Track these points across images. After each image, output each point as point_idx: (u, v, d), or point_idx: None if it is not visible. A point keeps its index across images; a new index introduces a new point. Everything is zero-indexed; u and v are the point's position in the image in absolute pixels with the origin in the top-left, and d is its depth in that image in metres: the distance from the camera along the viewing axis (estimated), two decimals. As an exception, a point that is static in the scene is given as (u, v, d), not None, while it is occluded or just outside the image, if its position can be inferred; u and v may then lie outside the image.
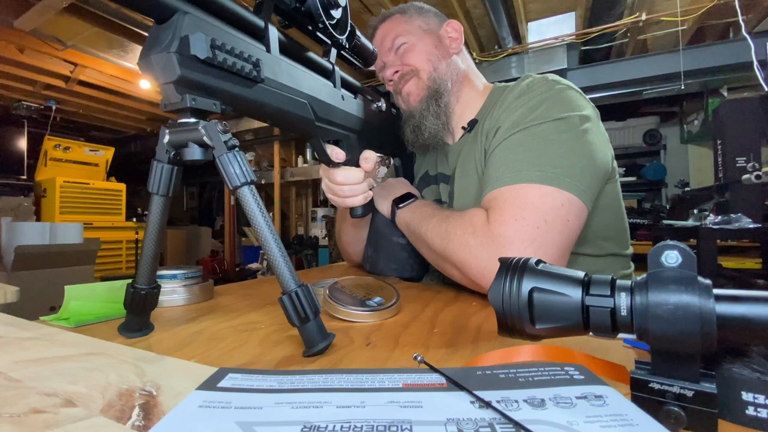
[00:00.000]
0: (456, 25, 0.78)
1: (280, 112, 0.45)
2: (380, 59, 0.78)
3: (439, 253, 0.58)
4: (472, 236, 0.53)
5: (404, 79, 0.75)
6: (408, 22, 0.77)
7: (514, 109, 0.62)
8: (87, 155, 3.77)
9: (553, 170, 0.53)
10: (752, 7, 2.28)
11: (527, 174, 0.54)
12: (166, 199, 0.37)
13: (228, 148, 0.34)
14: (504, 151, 0.60)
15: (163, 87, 0.33)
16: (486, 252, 0.51)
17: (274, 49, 0.44)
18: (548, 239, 0.51)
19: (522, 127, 0.59)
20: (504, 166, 0.57)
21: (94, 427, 0.21)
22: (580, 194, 0.53)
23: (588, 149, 0.57)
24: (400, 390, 0.24)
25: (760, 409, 0.21)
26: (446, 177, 0.78)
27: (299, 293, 0.34)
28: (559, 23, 2.54)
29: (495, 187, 0.56)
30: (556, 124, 0.57)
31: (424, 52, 0.74)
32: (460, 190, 0.71)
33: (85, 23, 2.37)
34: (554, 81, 0.64)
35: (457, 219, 0.57)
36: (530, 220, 0.51)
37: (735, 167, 1.73)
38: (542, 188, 0.52)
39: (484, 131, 0.68)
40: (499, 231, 0.51)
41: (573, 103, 0.60)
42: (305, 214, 4.47)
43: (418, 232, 0.63)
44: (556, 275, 0.25)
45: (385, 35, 0.77)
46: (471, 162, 0.70)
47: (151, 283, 0.39)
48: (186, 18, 0.32)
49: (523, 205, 0.52)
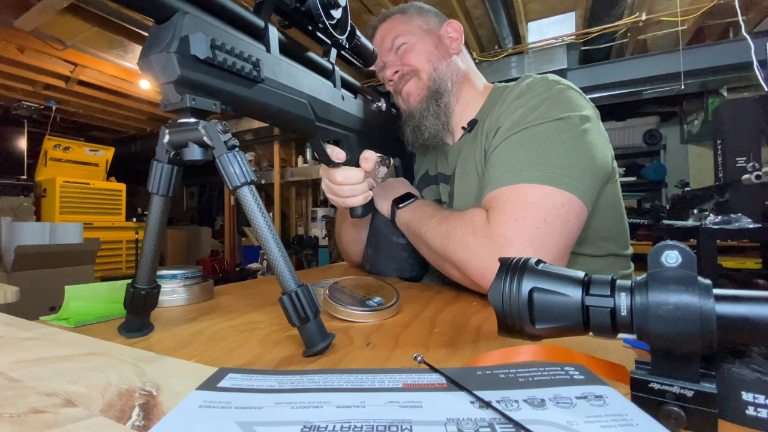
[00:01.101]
0: (456, 25, 0.78)
1: (281, 112, 0.45)
2: (380, 59, 0.78)
3: (439, 253, 0.58)
4: (472, 236, 0.53)
5: (404, 79, 0.75)
6: (408, 22, 0.77)
7: (514, 109, 0.63)
8: (87, 155, 3.77)
9: (553, 170, 0.53)
10: (752, 7, 2.28)
11: (527, 174, 0.54)
12: (166, 199, 0.37)
13: (228, 148, 0.34)
14: (504, 151, 0.60)
15: (163, 87, 0.33)
16: (486, 252, 0.51)
17: (274, 49, 0.44)
18: (548, 239, 0.51)
19: (522, 127, 0.59)
20: (504, 166, 0.57)
21: (94, 427, 0.21)
22: (580, 194, 0.54)
23: (588, 149, 0.57)
24: (400, 390, 0.24)
25: (760, 409, 0.21)
26: (446, 177, 0.78)
27: (299, 293, 0.34)
28: (559, 23, 2.54)
29: (495, 187, 0.56)
30: (556, 124, 0.57)
31: (424, 52, 0.74)
32: (461, 190, 0.72)
33: (85, 23, 2.37)
34: (554, 81, 0.64)
35: (457, 219, 0.57)
36: (530, 220, 0.51)
37: (735, 167, 1.73)
38: (542, 188, 0.53)
39: (485, 131, 0.68)
40: (499, 231, 0.51)
41: (573, 103, 0.60)
42: (305, 214, 4.47)
43: (418, 232, 0.63)
44: (556, 275, 0.25)
45: (386, 35, 0.77)
46: (471, 162, 0.70)
47: (151, 283, 0.39)
48: (186, 18, 0.32)
49: (523, 205, 0.52)
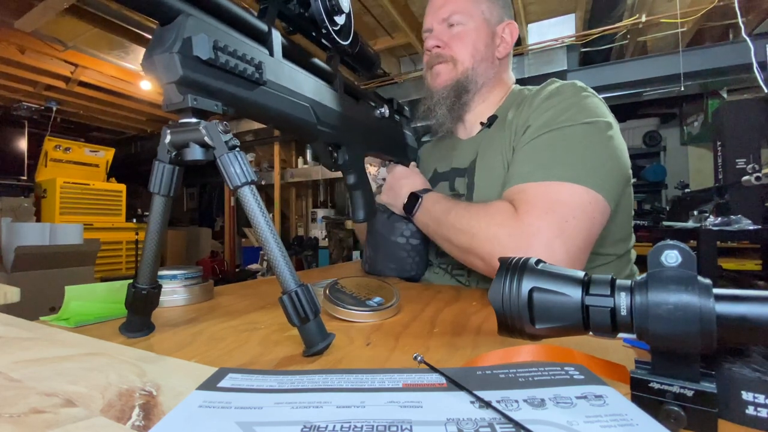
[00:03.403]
0: (514, 28, 0.76)
1: (282, 114, 0.45)
2: (430, 19, 0.77)
3: (464, 247, 0.59)
4: (499, 227, 0.55)
5: (441, 58, 0.75)
6: (475, 1, 0.74)
7: (544, 109, 0.64)
8: (87, 156, 3.78)
9: (583, 170, 0.56)
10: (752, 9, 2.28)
11: (558, 172, 0.56)
12: (168, 199, 0.37)
13: (229, 148, 0.34)
14: (534, 149, 0.61)
15: (165, 87, 0.34)
16: (514, 242, 0.53)
17: (277, 52, 0.44)
18: (575, 234, 0.53)
19: (553, 127, 0.61)
20: (534, 163, 0.59)
21: (94, 427, 0.21)
22: (606, 195, 0.56)
23: (613, 153, 0.59)
24: (400, 390, 0.24)
25: (760, 408, 0.21)
26: (462, 171, 0.77)
27: (299, 293, 0.34)
28: (559, 25, 2.55)
29: (523, 181, 0.58)
30: (585, 128, 0.60)
31: (473, 46, 0.73)
32: (482, 183, 0.71)
33: (85, 24, 2.38)
34: (581, 87, 0.66)
35: (480, 211, 0.58)
36: (560, 215, 0.53)
37: (735, 169, 1.73)
38: (572, 186, 0.55)
39: (513, 128, 0.68)
40: (529, 221, 0.53)
41: (599, 110, 0.63)
42: (305, 215, 4.47)
43: (438, 227, 0.64)
44: (555, 275, 0.25)
45: (447, 2, 0.75)
46: (496, 156, 0.69)
47: (152, 283, 0.39)
48: (189, 20, 0.33)
49: (553, 200, 0.54)
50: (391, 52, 3.23)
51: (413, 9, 2.63)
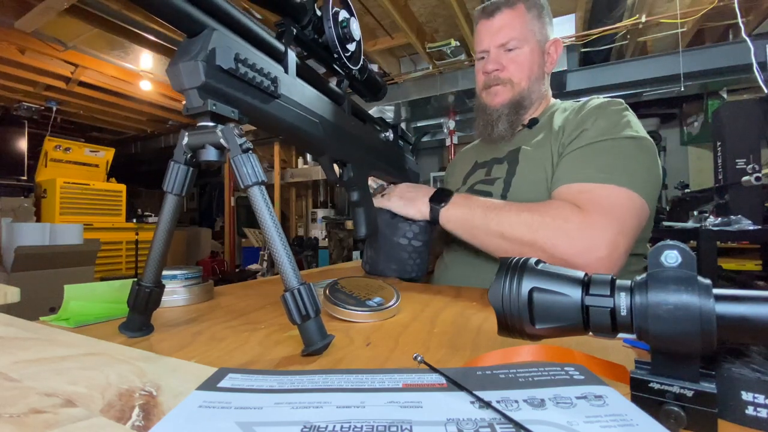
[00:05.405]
0: (560, 45, 0.84)
1: (293, 127, 0.48)
2: (486, 40, 0.81)
3: (523, 239, 0.62)
4: (566, 222, 0.60)
5: (499, 81, 0.81)
6: (528, 24, 0.79)
7: (598, 116, 0.70)
8: (87, 156, 3.78)
9: (638, 179, 0.63)
10: (752, 9, 2.29)
11: (618, 177, 0.62)
12: (180, 199, 0.39)
13: (242, 150, 0.36)
14: (595, 153, 0.67)
15: (187, 93, 0.36)
16: (583, 234, 0.58)
17: (292, 71, 0.48)
18: (631, 234, 0.60)
19: (610, 136, 0.67)
20: (593, 166, 0.65)
21: (94, 428, 0.21)
22: (649, 202, 0.63)
23: (656, 167, 0.67)
24: (400, 390, 0.24)
25: (759, 408, 0.21)
26: (501, 159, 0.81)
27: (302, 291, 0.34)
28: (559, 25, 2.54)
29: (582, 181, 0.64)
30: (637, 142, 0.67)
31: (528, 68, 0.80)
32: (523, 171, 0.76)
33: (86, 24, 2.38)
34: (624, 104, 0.73)
35: (542, 208, 0.63)
36: (621, 215, 0.60)
37: (735, 169, 1.73)
38: (629, 192, 0.61)
39: (562, 130, 0.73)
40: (596, 218, 0.59)
41: (640, 127, 0.70)
42: (305, 216, 4.47)
43: (484, 219, 0.66)
44: (555, 275, 0.25)
45: (503, 27, 0.79)
46: (544, 154, 0.74)
47: (156, 282, 0.40)
48: (215, 33, 0.36)
49: (615, 201, 0.61)
50: (391, 52, 3.24)
51: (413, 9, 2.63)
